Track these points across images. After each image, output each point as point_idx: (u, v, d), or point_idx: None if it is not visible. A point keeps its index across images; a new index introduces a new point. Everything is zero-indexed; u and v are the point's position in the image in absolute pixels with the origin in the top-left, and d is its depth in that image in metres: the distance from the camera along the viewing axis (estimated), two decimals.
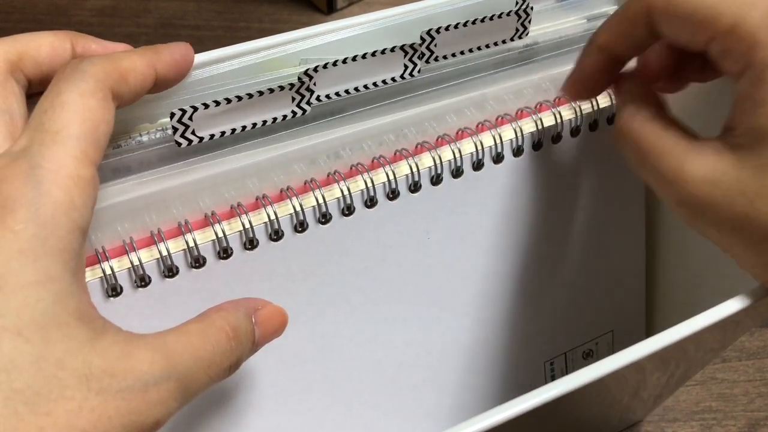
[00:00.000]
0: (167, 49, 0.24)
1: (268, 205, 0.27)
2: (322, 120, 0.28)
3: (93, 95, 0.21)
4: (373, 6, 0.68)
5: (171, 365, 0.20)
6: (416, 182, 0.29)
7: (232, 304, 0.24)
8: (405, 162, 0.29)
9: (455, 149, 0.30)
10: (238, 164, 0.27)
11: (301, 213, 0.28)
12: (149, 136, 0.26)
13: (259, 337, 0.24)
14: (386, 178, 0.29)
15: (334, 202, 0.28)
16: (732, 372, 0.45)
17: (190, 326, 0.22)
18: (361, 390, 0.33)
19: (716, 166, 0.23)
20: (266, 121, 0.26)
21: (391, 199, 0.29)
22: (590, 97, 0.31)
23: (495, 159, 0.31)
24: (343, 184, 0.28)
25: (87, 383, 0.18)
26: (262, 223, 0.27)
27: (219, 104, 0.25)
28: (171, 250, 0.26)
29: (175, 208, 0.27)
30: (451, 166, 0.30)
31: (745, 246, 0.23)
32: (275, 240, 0.28)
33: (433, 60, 0.28)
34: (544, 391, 0.22)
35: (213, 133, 0.25)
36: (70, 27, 0.64)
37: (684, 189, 0.23)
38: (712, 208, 0.23)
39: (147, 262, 0.26)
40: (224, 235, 0.27)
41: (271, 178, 0.28)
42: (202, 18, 0.67)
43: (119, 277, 0.26)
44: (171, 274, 0.26)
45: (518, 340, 0.36)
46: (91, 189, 0.20)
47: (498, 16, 0.29)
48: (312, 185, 0.28)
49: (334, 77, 0.27)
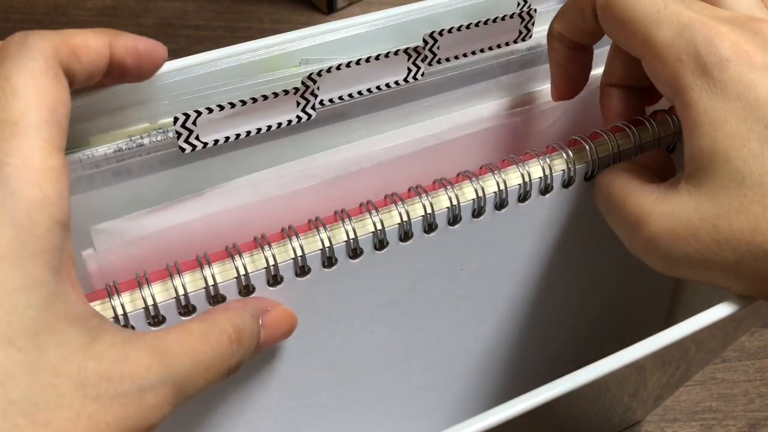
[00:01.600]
0: (130, 37, 0.22)
1: (293, 236, 0.25)
2: (326, 125, 0.28)
3: (44, 74, 0.19)
4: (374, 6, 0.68)
5: (168, 369, 0.19)
6: (456, 215, 0.27)
7: (241, 304, 0.23)
8: (444, 193, 0.27)
9: (500, 180, 0.27)
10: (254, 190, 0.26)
11: (329, 249, 0.25)
12: (150, 139, 0.25)
13: (265, 340, 0.24)
14: (424, 211, 0.26)
15: (368, 238, 0.26)
16: (732, 372, 0.45)
17: (192, 326, 0.21)
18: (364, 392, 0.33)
19: (674, 201, 0.23)
20: (271, 126, 0.26)
21: (428, 233, 0.27)
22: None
23: (543, 191, 0.29)
24: (377, 216, 0.25)
25: (83, 390, 0.18)
26: (288, 260, 0.25)
27: (223, 108, 0.25)
28: (188, 288, 0.23)
29: (187, 233, 0.26)
30: (495, 199, 0.27)
31: (723, 273, 0.22)
32: (301, 276, 0.25)
33: (436, 62, 0.28)
34: (544, 390, 0.22)
35: (217, 138, 0.25)
36: (70, 27, 0.64)
37: (647, 230, 0.23)
38: (677, 246, 0.23)
39: (162, 303, 0.23)
40: (246, 272, 0.24)
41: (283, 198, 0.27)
42: (202, 18, 0.66)
43: (131, 318, 0.23)
44: (187, 312, 0.24)
45: (531, 357, 0.36)
46: (63, 178, 0.19)
47: (501, 19, 0.29)
48: (342, 215, 0.25)
49: (338, 81, 0.27)
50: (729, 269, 0.22)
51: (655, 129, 0.28)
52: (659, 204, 0.23)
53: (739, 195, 0.21)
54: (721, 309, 0.23)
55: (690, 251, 0.22)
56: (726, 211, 0.22)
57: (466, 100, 0.31)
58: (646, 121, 0.29)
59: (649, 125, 0.28)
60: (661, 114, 0.29)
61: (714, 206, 0.22)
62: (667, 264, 0.23)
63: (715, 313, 0.23)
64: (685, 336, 0.23)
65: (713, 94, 0.22)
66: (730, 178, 0.22)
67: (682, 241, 0.22)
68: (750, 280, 0.22)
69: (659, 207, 0.23)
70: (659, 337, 0.23)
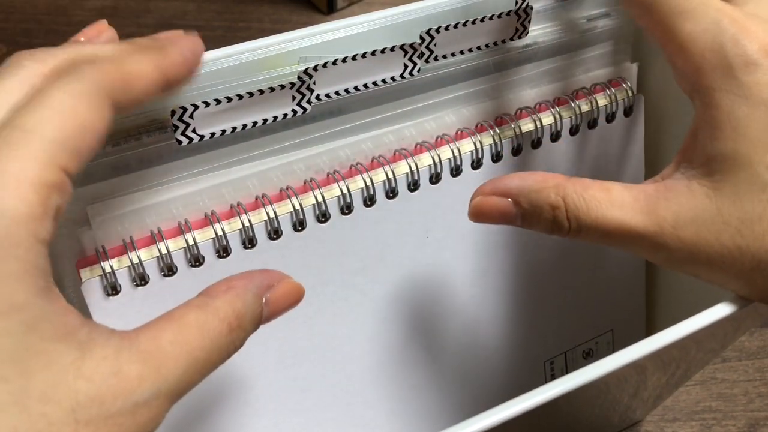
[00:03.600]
0: (176, 49, 0.21)
1: (267, 204, 0.27)
2: (321, 120, 0.28)
3: (86, 99, 0.18)
4: (373, 6, 0.68)
5: (162, 377, 0.19)
6: (415, 181, 0.29)
7: (244, 282, 0.21)
8: (405, 162, 0.29)
9: (454, 148, 0.30)
10: (240, 174, 0.27)
11: (300, 212, 0.28)
12: (148, 134, 0.26)
13: (267, 317, 0.22)
14: (385, 176, 0.29)
15: (334, 201, 0.28)
16: (732, 372, 0.45)
17: (190, 317, 0.20)
18: (360, 389, 0.33)
19: (691, 203, 0.22)
20: (267, 119, 0.26)
21: (390, 198, 0.29)
22: None
23: (494, 158, 0.31)
24: (343, 183, 0.28)
25: (74, 415, 0.17)
26: (261, 221, 0.27)
27: (219, 102, 0.25)
28: (170, 249, 0.26)
29: (174, 208, 0.27)
30: (450, 164, 0.30)
31: (736, 277, 0.22)
32: (274, 239, 0.28)
33: (433, 59, 0.28)
34: (544, 390, 0.22)
35: (213, 131, 0.25)
36: (70, 27, 0.65)
37: (671, 241, 0.22)
38: (698, 248, 0.22)
39: (147, 261, 0.26)
40: (224, 233, 0.27)
41: (271, 179, 0.28)
42: (202, 18, 0.67)
43: (119, 275, 0.26)
44: (170, 273, 0.26)
45: (518, 340, 0.36)
46: (55, 196, 0.18)
47: (498, 16, 0.29)
48: (312, 185, 0.28)
49: (334, 76, 0.27)
50: (744, 274, 0.22)
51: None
52: (677, 207, 0.22)
53: (762, 201, 0.21)
54: (721, 309, 0.23)
55: (712, 253, 0.22)
56: (750, 216, 0.21)
57: (462, 96, 0.31)
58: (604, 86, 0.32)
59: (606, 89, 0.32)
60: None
61: (737, 211, 0.21)
62: (683, 265, 0.23)
63: (714, 312, 0.23)
64: (684, 336, 0.23)
65: (737, 97, 0.21)
66: (754, 183, 0.21)
67: (704, 242, 0.22)
68: (760, 287, 0.22)
69: (678, 211, 0.22)
70: (659, 336, 0.23)
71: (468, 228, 0.32)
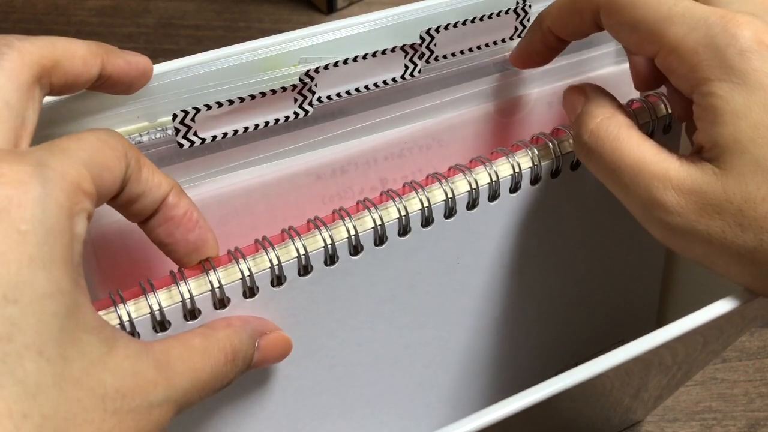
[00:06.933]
0: (123, 57, 0.23)
1: (295, 237, 0.25)
2: (323, 122, 0.28)
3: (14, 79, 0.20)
4: (373, 6, 0.68)
5: (171, 386, 0.20)
6: (451, 209, 0.28)
7: (242, 323, 0.23)
8: (439, 187, 0.27)
9: (491, 172, 0.28)
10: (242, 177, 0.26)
11: (331, 247, 0.25)
12: (149, 137, 0.26)
13: (257, 362, 0.24)
14: (420, 205, 0.27)
15: (369, 234, 0.26)
16: (732, 372, 0.45)
17: (195, 341, 0.22)
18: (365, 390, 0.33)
19: (700, 174, 0.23)
20: (268, 122, 0.26)
21: (425, 227, 0.28)
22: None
23: (533, 181, 0.29)
24: (375, 213, 0.26)
25: (103, 404, 0.18)
26: (292, 259, 0.25)
27: (221, 105, 0.25)
28: (194, 291, 0.24)
29: None
30: (489, 191, 0.28)
31: (738, 257, 0.22)
32: (303, 275, 0.26)
33: (433, 59, 0.28)
34: (542, 389, 0.22)
35: (215, 134, 0.25)
36: (70, 27, 0.65)
37: (672, 197, 0.23)
38: (702, 219, 0.22)
39: (167, 308, 0.24)
40: (251, 273, 0.24)
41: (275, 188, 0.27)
42: (202, 18, 0.67)
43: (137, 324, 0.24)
44: (192, 318, 0.24)
45: (530, 350, 0.36)
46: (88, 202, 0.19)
47: (497, 15, 0.29)
48: (342, 214, 0.26)
49: (335, 78, 0.27)
50: (746, 253, 0.22)
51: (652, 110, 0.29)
52: (687, 176, 0.23)
53: (766, 182, 0.22)
54: (726, 303, 0.23)
55: (713, 226, 0.22)
56: (753, 197, 0.22)
57: (463, 97, 0.31)
58: (642, 102, 0.29)
59: (645, 104, 0.29)
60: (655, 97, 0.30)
61: (741, 190, 0.22)
62: (683, 237, 0.23)
63: (721, 306, 0.23)
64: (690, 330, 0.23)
65: (734, 84, 0.22)
66: (758, 164, 0.22)
67: (707, 216, 0.22)
68: (764, 270, 0.22)
69: (687, 179, 0.23)
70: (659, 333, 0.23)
71: (498, 251, 0.31)
